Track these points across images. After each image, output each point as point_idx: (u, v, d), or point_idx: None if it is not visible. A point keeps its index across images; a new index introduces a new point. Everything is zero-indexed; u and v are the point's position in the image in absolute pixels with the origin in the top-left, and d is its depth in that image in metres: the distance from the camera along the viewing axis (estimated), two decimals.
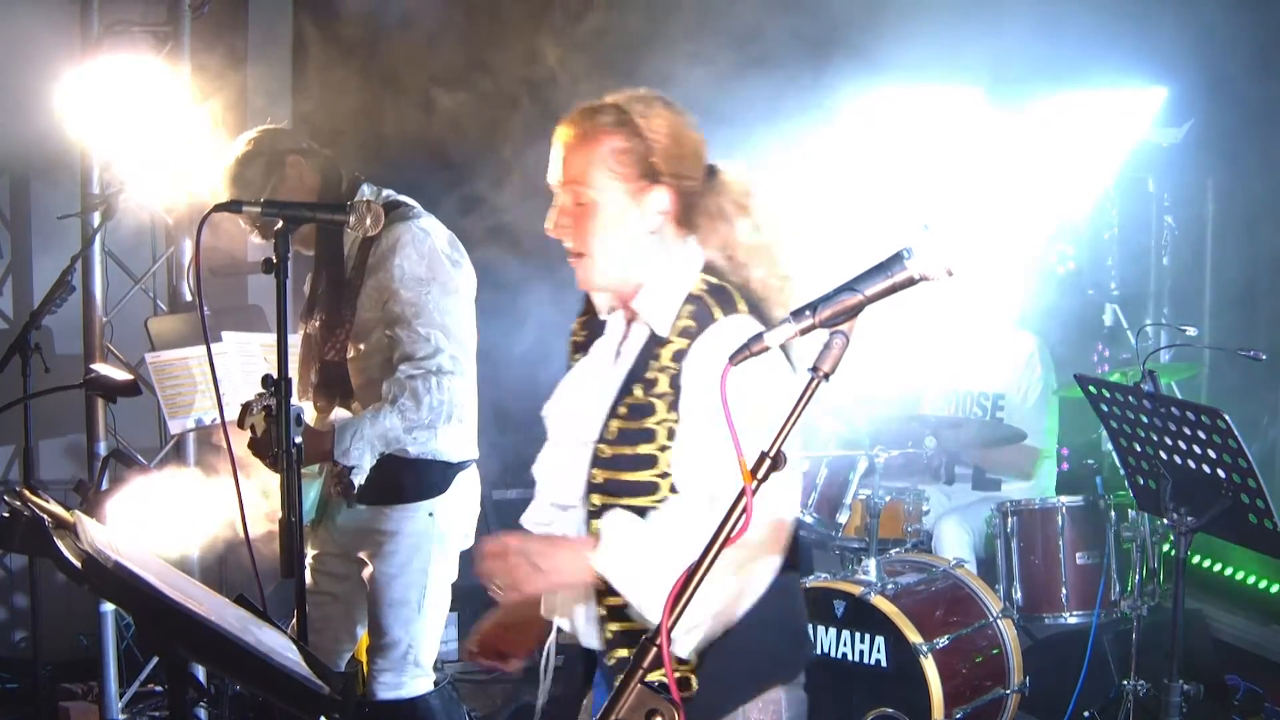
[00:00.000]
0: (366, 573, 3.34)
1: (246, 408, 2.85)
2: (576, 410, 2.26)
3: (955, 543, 4.68)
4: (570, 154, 2.19)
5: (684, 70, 4.20)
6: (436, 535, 3.32)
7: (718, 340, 2.12)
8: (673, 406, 2.13)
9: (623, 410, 2.17)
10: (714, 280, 2.21)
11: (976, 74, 5.20)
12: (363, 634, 3.52)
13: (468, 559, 3.56)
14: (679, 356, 2.15)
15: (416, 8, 4.25)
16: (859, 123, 5.20)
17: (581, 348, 2.37)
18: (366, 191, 3.35)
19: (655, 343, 2.18)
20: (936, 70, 5.22)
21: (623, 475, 2.15)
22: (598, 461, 2.17)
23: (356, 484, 3.20)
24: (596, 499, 2.17)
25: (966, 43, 4.80)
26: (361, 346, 3.29)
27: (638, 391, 2.16)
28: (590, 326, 2.37)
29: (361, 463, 3.17)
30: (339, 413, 3.27)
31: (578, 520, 2.23)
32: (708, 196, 2.23)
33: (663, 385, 2.15)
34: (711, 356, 2.11)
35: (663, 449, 2.13)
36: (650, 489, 2.15)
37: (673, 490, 2.14)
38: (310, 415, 3.31)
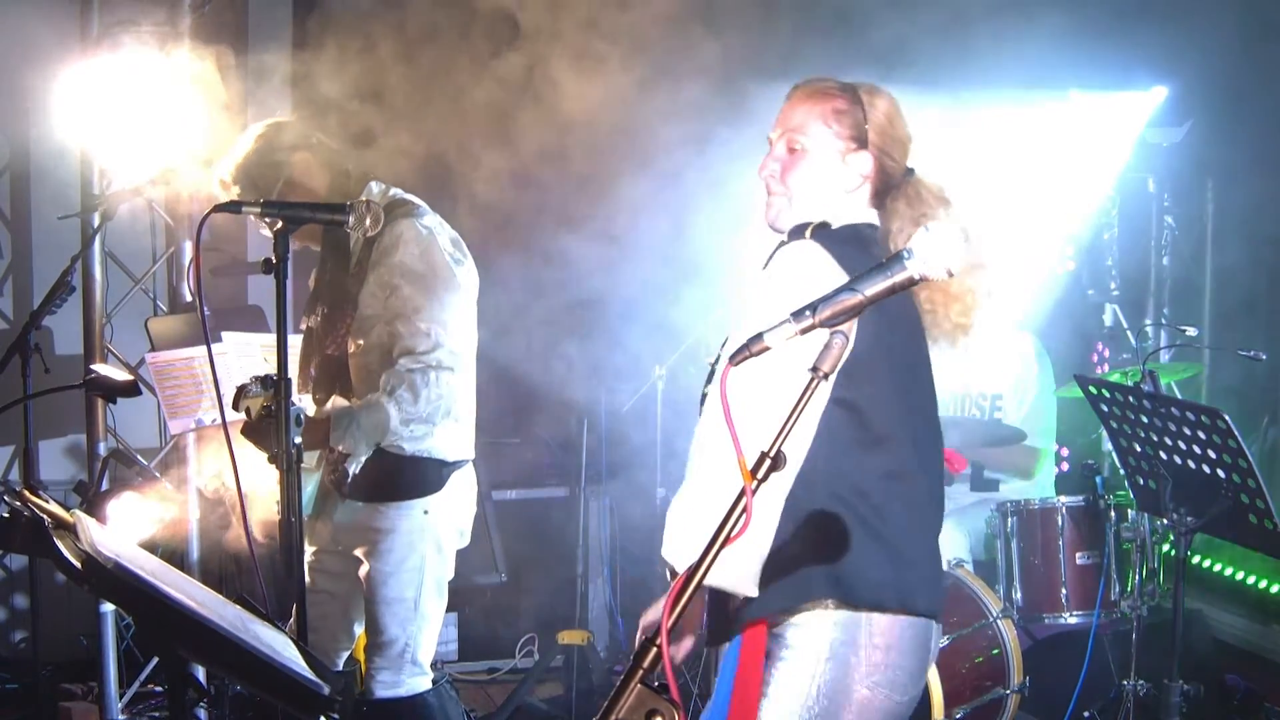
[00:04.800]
0: (363, 571, 3.34)
1: (242, 390, 2.84)
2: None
3: (952, 547, 4.67)
4: (794, 107, 2.38)
5: (689, 70, 4.20)
6: (431, 533, 3.32)
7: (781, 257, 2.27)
8: None
9: None
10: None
11: (976, 74, 5.20)
12: (360, 632, 3.53)
13: (466, 558, 3.57)
14: None
15: (417, 6, 4.25)
16: None
17: None
18: (374, 189, 3.35)
19: None
20: (937, 69, 5.22)
21: None
22: None
23: (351, 472, 3.20)
24: None
25: (967, 42, 4.81)
26: (361, 341, 3.29)
27: None
28: None
29: (356, 450, 3.16)
30: (336, 400, 3.27)
31: None
32: (905, 187, 2.39)
33: None
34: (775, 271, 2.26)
35: None
36: None
37: None
38: (310, 409, 3.31)
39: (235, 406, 2.84)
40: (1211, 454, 3.41)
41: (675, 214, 4.61)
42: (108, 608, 4.59)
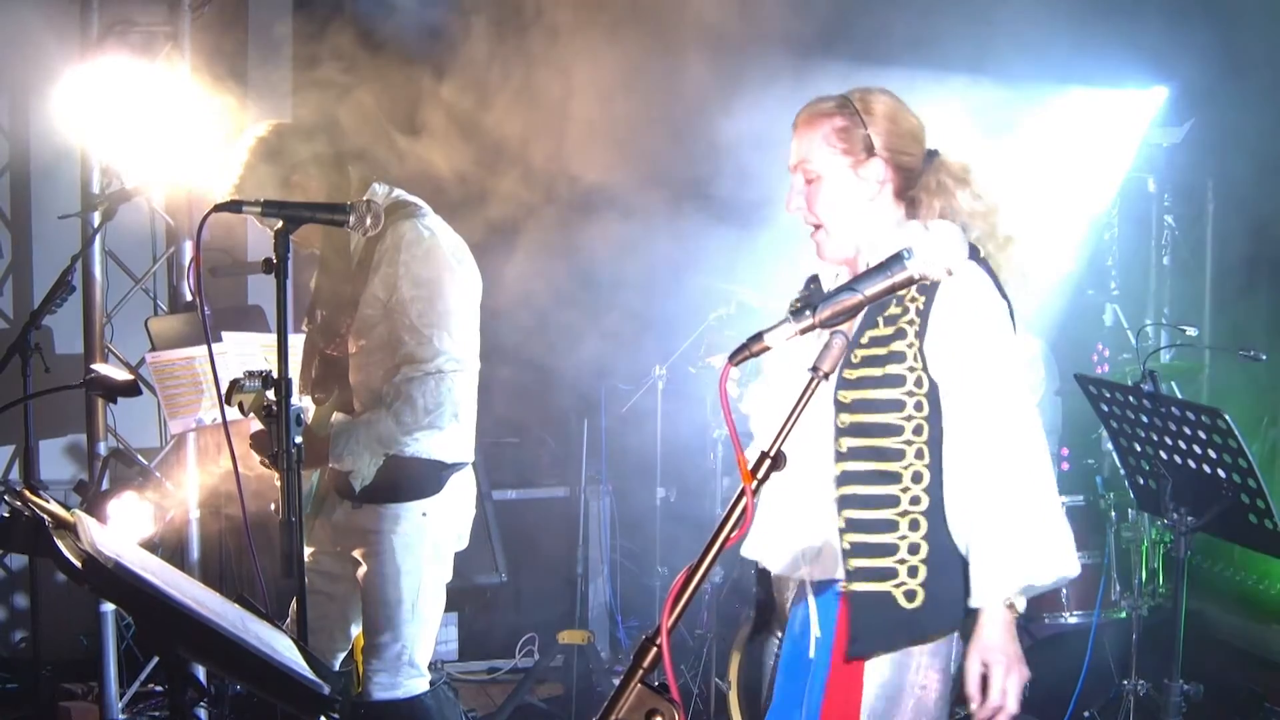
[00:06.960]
0: (360, 572, 3.33)
1: (235, 384, 2.83)
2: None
3: None
4: (799, 138, 2.44)
5: (684, 67, 4.20)
6: (430, 536, 3.31)
7: (964, 281, 2.28)
8: (920, 334, 2.29)
9: (864, 340, 2.31)
10: None
11: (976, 75, 5.20)
12: (357, 634, 3.52)
13: (466, 558, 3.57)
14: (926, 289, 2.27)
15: (417, 7, 4.25)
16: None
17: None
18: (378, 190, 3.34)
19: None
20: (937, 69, 5.22)
21: (869, 394, 2.28)
22: (841, 407, 2.29)
23: (356, 487, 3.21)
24: (844, 442, 2.31)
25: (967, 43, 4.81)
26: (363, 342, 3.28)
27: (881, 324, 2.31)
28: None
29: (357, 467, 3.18)
30: (338, 416, 3.27)
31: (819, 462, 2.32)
32: (928, 174, 2.42)
33: (911, 314, 2.30)
34: (960, 295, 2.29)
35: (911, 369, 2.29)
36: (896, 431, 2.29)
37: (915, 433, 2.30)
38: (309, 409, 3.30)
39: (228, 400, 2.83)
40: (1211, 454, 3.41)
41: (675, 213, 4.61)
42: (108, 608, 4.59)
